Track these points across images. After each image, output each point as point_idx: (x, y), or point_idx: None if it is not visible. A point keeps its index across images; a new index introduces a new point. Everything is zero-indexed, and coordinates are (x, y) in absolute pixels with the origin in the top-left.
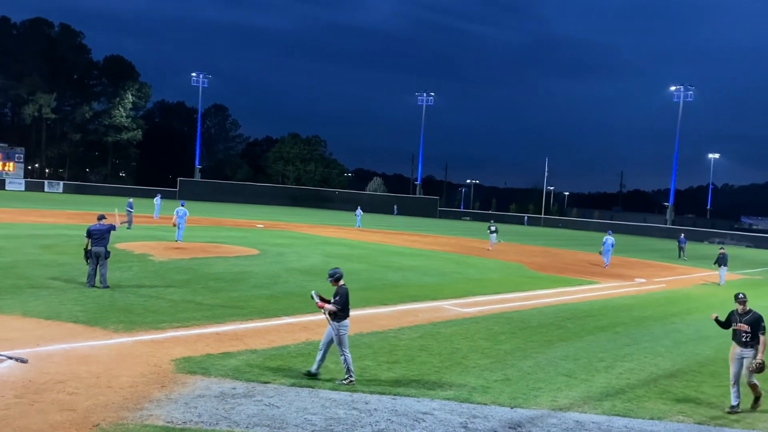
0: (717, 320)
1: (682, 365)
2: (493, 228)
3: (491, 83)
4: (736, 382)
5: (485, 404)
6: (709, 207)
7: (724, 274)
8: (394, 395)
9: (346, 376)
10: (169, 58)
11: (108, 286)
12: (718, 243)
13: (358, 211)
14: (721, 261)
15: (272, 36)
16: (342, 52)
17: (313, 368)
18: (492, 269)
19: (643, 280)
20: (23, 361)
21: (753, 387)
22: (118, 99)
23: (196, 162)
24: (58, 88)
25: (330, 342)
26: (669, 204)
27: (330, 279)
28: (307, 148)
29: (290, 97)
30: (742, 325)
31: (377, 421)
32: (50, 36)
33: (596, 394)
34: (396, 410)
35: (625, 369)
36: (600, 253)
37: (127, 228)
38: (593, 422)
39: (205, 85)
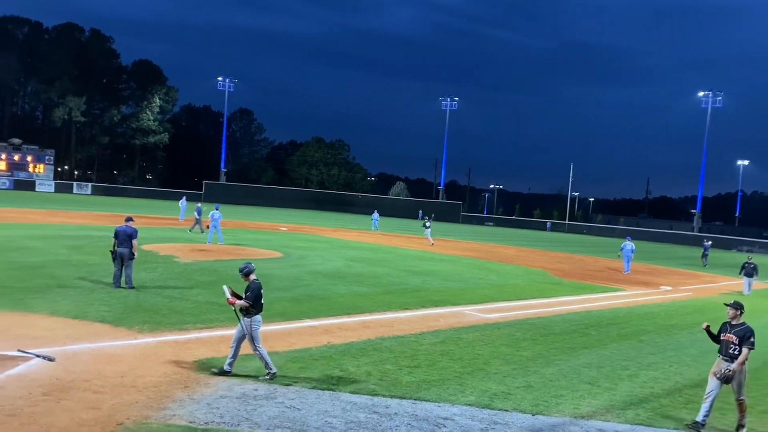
0: (708, 330)
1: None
2: (428, 224)
3: (514, 89)
4: (711, 398)
5: (506, 410)
6: (737, 214)
7: (749, 283)
8: (415, 400)
9: (267, 371)
10: (195, 62)
11: (134, 287)
12: (746, 251)
13: (375, 214)
14: (748, 270)
15: (297, 41)
16: (366, 58)
17: (226, 366)
18: (514, 275)
19: (668, 288)
20: (51, 359)
21: (740, 404)
22: (145, 103)
23: (222, 165)
24: (87, 91)
25: (242, 338)
26: (696, 211)
27: (240, 274)
28: (330, 152)
29: (314, 101)
30: (731, 335)
31: (397, 426)
32: (81, 41)
33: (620, 403)
34: (416, 415)
35: (650, 378)
36: (619, 257)
37: (200, 232)
38: (616, 431)
39: (231, 90)
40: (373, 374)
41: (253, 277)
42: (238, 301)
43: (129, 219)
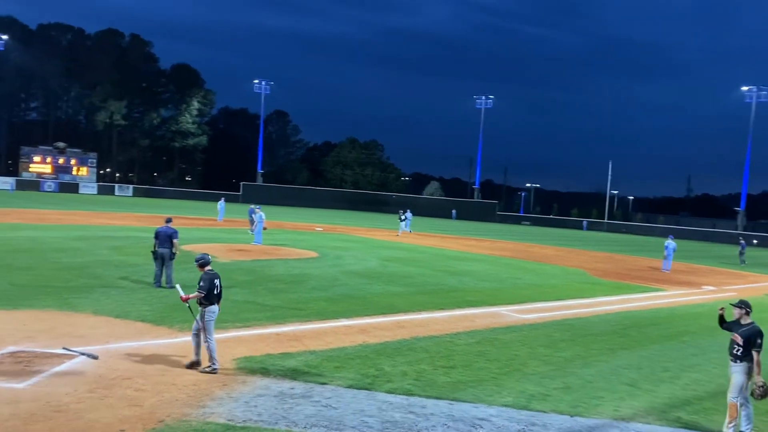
0: (721, 316)
1: None
2: (403, 217)
3: (551, 86)
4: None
5: (544, 412)
6: None
7: None
8: (451, 400)
9: (209, 364)
10: (232, 65)
11: (173, 287)
12: None
13: (408, 214)
14: None
15: (332, 42)
16: (400, 57)
17: (193, 357)
18: (552, 275)
19: (711, 288)
20: (94, 357)
21: (731, 408)
22: (184, 106)
23: (259, 167)
24: (128, 95)
25: (199, 331)
26: (740, 209)
27: (196, 264)
28: (365, 152)
29: (349, 102)
30: (736, 336)
31: (434, 426)
32: (121, 46)
33: (661, 405)
34: (453, 415)
35: (692, 380)
36: (665, 257)
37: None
38: None
39: (267, 92)
40: (409, 374)
41: (208, 268)
42: (191, 295)
43: (169, 220)
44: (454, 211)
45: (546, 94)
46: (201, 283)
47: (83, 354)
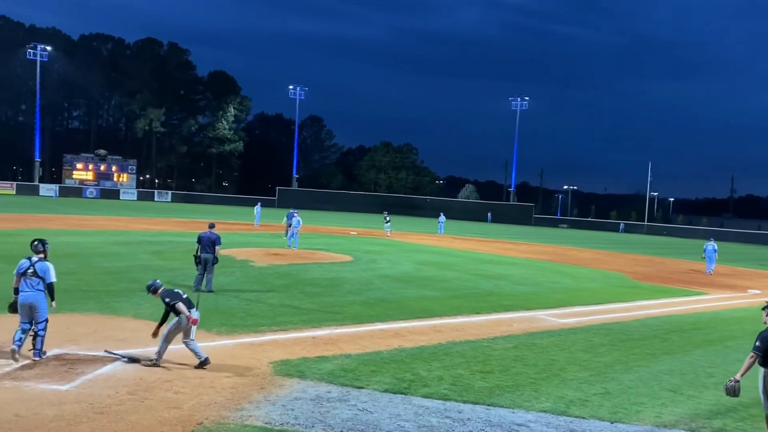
0: None
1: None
2: (387, 219)
3: (587, 86)
4: None
5: (584, 418)
6: None
7: None
8: (488, 405)
9: (155, 359)
10: (267, 72)
11: (212, 291)
12: None
13: (441, 217)
14: None
15: (364, 47)
16: (432, 60)
17: (202, 357)
18: (590, 279)
19: (757, 292)
20: (135, 360)
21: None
22: (221, 112)
23: (294, 171)
24: (166, 103)
25: (184, 331)
26: None
27: (149, 292)
28: (398, 156)
29: (382, 106)
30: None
31: (471, 431)
32: (160, 54)
33: (705, 412)
34: (490, 420)
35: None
36: (702, 259)
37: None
38: None
39: (302, 98)
40: (445, 379)
41: (161, 290)
42: (191, 317)
43: (212, 225)
44: (489, 214)
45: (582, 94)
46: (170, 300)
47: (124, 357)
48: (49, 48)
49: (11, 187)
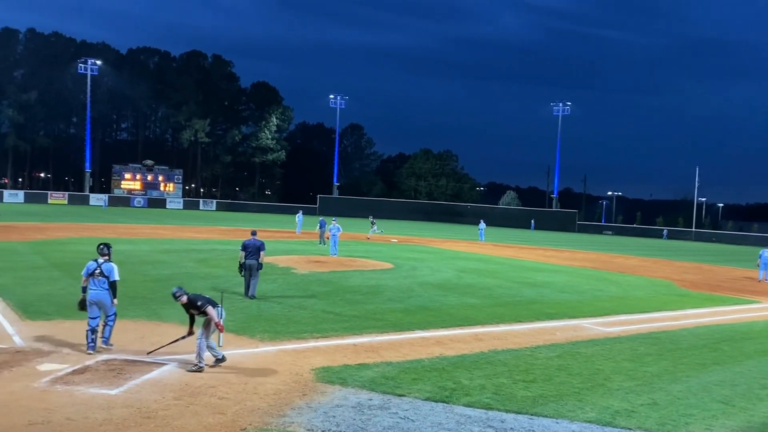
0: None
1: None
2: (373, 221)
3: (631, 90)
4: None
5: (630, 429)
6: None
7: None
8: (532, 415)
9: (197, 363)
10: (308, 81)
11: (255, 297)
12: None
13: (482, 224)
14: None
15: (404, 55)
16: (472, 66)
17: (219, 355)
18: (636, 286)
19: None
20: (199, 369)
21: None
22: (263, 122)
23: (334, 180)
24: (211, 114)
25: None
26: None
27: (176, 299)
28: (438, 163)
29: (422, 113)
30: None
31: None
32: (204, 67)
33: (758, 425)
34: (533, 430)
35: None
36: (757, 266)
37: (320, 244)
38: None
39: (342, 107)
40: (487, 387)
41: (184, 298)
42: (218, 321)
43: (254, 233)
44: (532, 222)
45: (626, 98)
46: (202, 303)
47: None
48: (98, 62)
49: (63, 197)
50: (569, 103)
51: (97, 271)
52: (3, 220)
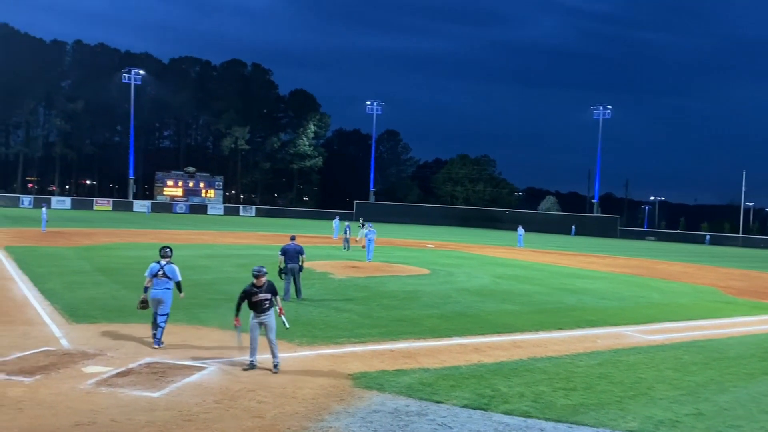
0: None
1: None
2: (362, 225)
3: (674, 93)
4: None
5: None
6: None
7: None
8: (572, 423)
9: (275, 362)
10: (345, 88)
11: (303, 298)
12: None
13: (520, 230)
14: None
15: (439, 59)
16: (509, 71)
17: (254, 359)
18: (681, 293)
19: None
20: (253, 367)
21: None
22: (301, 129)
23: (371, 185)
24: (250, 121)
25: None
26: None
27: (261, 276)
28: (475, 168)
29: (459, 118)
30: None
31: None
32: (244, 75)
33: None
34: None
35: None
36: None
37: (346, 249)
38: None
39: (379, 113)
40: (526, 395)
41: (264, 279)
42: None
43: (293, 238)
44: (573, 227)
45: (669, 101)
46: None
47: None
48: (142, 72)
49: (108, 204)
50: (610, 107)
51: (160, 272)
52: (50, 227)
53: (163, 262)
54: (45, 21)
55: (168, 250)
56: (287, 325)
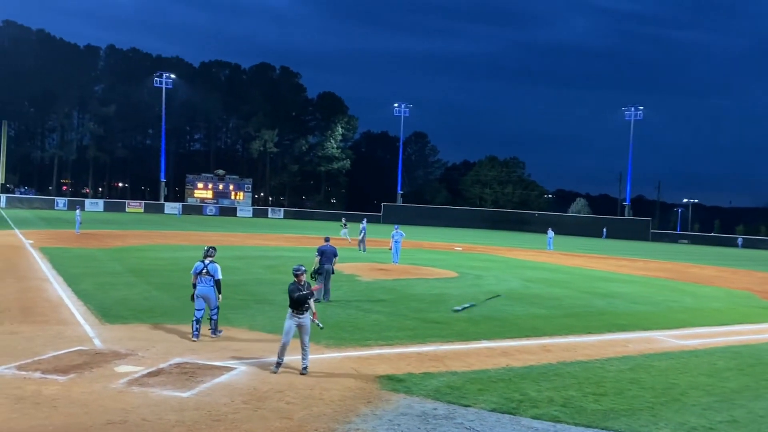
0: None
1: None
2: (345, 225)
3: (708, 93)
4: None
5: None
6: None
7: None
8: (602, 429)
9: (304, 365)
10: (372, 91)
11: (330, 300)
12: None
13: (550, 232)
14: None
15: (467, 61)
16: (538, 72)
17: (282, 360)
18: (714, 298)
19: None
20: (279, 366)
21: None
22: (329, 132)
23: (398, 188)
24: (279, 124)
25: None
26: None
27: (300, 274)
28: (504, 170)
29: (487, 120)
30: None
31: None
32: (273, 78)
33: None
34: None
35: None
36: None
37: (362, 251)
38: None
39: (407, 115)
40: (556, 400)
41: (304, 277)
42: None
43: (327, 239)
44: (604, 230)
45: (703, 102)
46: (309, 292)
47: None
48: (173, 76)
49: (140, 206)
50: (641, 108)
51: (204, 271)
52: (84, 228)
53: (207, 261)
54: (79, 27)
55: (212, 250)
56: (321, 326)
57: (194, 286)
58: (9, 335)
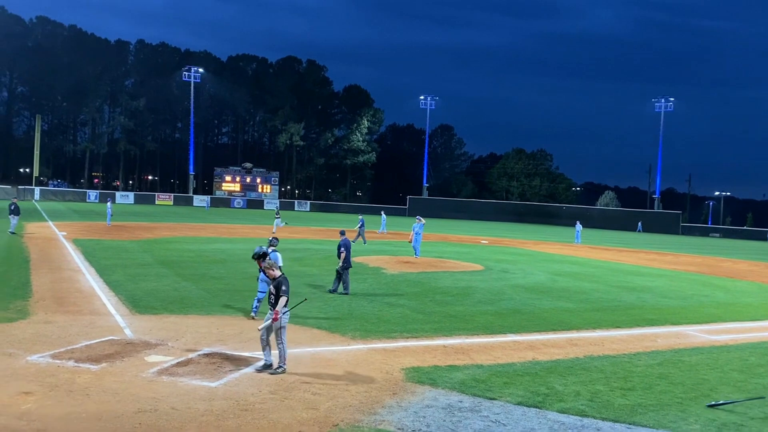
0: None
1: None
2: (278, 214)
3: (740, 84)
4: None
5: None
6: None
7: None
8: (630, 424)
9: (279, 366)
10: (398, 83)
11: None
12: None
13: (578, 226)
14: None
15: (493, 53)
16: (566, 63)
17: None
18: (747, 292)
19: None
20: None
21: None
22: (355, 125)
23: (424, 181)
24: (305, 118)
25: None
26: None
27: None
28: (531, 163)
29: (513, 112)
30: None
31: None
32: (299, 72)
33: None
34: None
35: None
36: None
37: (363, 243)
38: None
39: (432, 107)
40: (582, 394)
41: (277, 273)
42: (281, 314)
43: (343, 232)
44: (639, 224)
45: (735, 92)
46: (284, 288)
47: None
48: (201, 70)
49: (170, 199)
50: (672, 99)
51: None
52: (114, 220)
53: (270, 249)
54: (110, 22)
55: (275, 240)
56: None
57: (261, 270)
58: (44, 324)
